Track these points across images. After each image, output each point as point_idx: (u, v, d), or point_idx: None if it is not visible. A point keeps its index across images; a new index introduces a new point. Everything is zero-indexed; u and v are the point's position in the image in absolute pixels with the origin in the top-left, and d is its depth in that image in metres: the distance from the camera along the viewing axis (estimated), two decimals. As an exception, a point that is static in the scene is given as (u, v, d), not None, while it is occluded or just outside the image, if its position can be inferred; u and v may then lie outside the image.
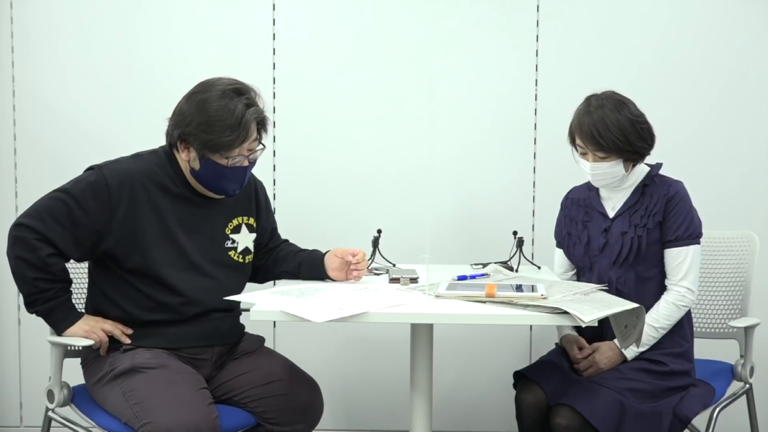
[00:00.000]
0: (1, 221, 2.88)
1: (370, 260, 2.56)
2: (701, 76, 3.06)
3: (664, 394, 2.26)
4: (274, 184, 3.13)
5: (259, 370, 2.25)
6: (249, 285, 2.36)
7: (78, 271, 2.39)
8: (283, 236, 2.51)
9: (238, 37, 3.10)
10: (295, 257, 2.39)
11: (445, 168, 3.10)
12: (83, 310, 2.22)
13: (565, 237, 2.50)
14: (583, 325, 1.81)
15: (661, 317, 2.30)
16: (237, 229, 2.30)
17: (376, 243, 2.60)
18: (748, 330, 2.50)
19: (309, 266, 2.35)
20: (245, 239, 2.31)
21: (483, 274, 2.42)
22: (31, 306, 2.12)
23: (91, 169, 2.15)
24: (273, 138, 3.08)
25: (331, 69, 3.10)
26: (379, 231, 2.62)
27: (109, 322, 2.15)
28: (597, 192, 2.46)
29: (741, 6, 3.04)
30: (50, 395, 2.17)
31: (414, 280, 2.27)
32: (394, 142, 3.11)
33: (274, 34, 3.11)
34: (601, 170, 2.32)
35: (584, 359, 2.33)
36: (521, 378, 2.38)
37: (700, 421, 2.42)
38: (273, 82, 3.11)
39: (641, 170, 2.39)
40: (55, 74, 3.11)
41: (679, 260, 2.32)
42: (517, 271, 2.55)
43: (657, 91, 3.03)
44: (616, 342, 2.28)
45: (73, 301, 2.18)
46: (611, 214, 2.41)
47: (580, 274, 2.47)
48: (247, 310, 1.98)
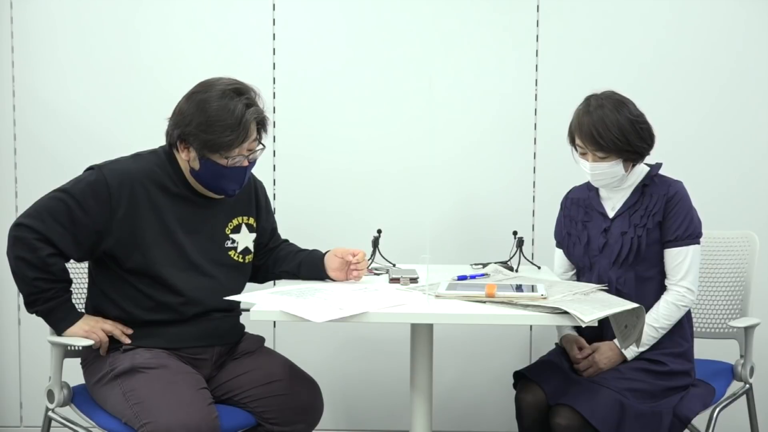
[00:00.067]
0: (1, 221, 2.88)
1: (370, 260, 2.56)
2: (701, 77, 3.06)
3: (664, 394, 2.26)
4: (274, 184, 3.13)
5: (259, 370, 2.25)
6: (249, 285, 2.36)
7: (78, 271, 2.39)
8: (283, 236, 2.51)
9: (238, 37, 3.10)
10: (295, 257, 2.39)
11: (445, 168, 3.10)
12: (83, 310, 2.22)
13: (564, 237, 2.50)
14: (583, 325, 1.81)
15: (660, 317, 2.30)
16: (237, 229, 2.29)
17: (376, 243, 2.60)
18: (748, 330, 2.50)
19: (309, 266, 2.35)
20: (245, 239, 2.31)
21: (483, 274, 2.42)
22: (31, 306, 2.12)
23: (91, 169, 2.15)
24: (273, 138, 3.08)
25: (331, 69, 3.10)
26: (379, 231, 2.62)
27: (109, 322, 2.15)
28: (597, 192, 2.46)
29: (741, 6, 3.04)
30: (50, 395, 2.17)
31: (414, 280, 2.27)
32: (394, 142, 3.11)
33: (274, 34, 3.11)
34: (601, 170, 2.32)
35: (584, 359, 2.33)
36: (521, 378, 2.38)
37: (700, 421, 2.42)
38: (273, 82, 3.11)
39: (641, 170, 2.39)
40: (55, 74, 3.11)
41: (678, 260, 2.32)
42: (517, 271, 2.55)
43: (657, 91, 3.03)
44: (616, 342, 2.28)
45: (73, 301, 2.18)
46: (611, 214, 2.41)
47: (580, 274, 2.47)
48: (247, 310, 1.98)
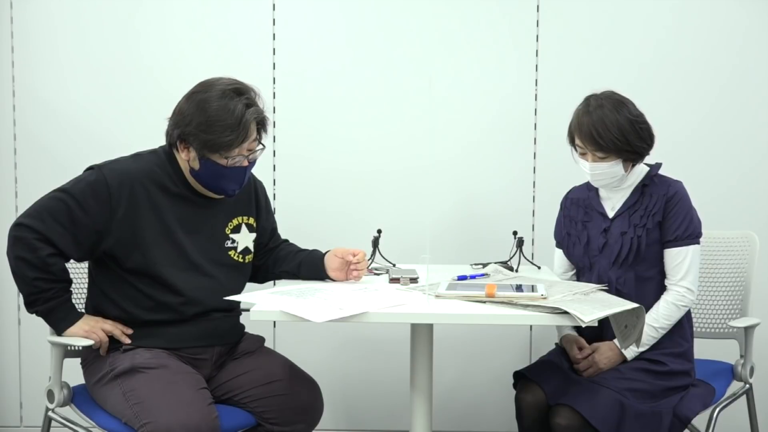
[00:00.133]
0: (1, 221, 2.88)
1: (370, 260, 2.56)
2: (701, 77, 3.06)
3: (664, 394, 2.26)
4: (274, 184, 3.13)
5: (259, 370, 2.25)
6: (249, 285, 2.36)
7: (78, 271, 2.39)
8: (283, 236, 2.51)
9: (238, 37, 3.10)
10: (295, 257, 2.39)
11: (445, 168, 3.10)
12: (83, 310, 2.22)
13: (564, 237, 2.50)
14: (583, 325, 1.81)
15: (660, 317, 2.30)
16: (237, 229, 2.29)
17: (376, 243, 2.60)
18: (748, 330, 2.50)
19: (309, 266, 2.35)
20: (245, 239, 2.31)
21: (483, 274, 2.42)
22: (31, 306, 2.12)
23: (91, 169, 2.15)
24: (273, 138, 3.08)
25: (331, 69, 3.10)
26: (379, 231, 2.62)
27: (109, 322, 2.15)
28: (596, 192, 2.46)
29: (741, 6, 3.04)
30: (50, 395, 2.17)
31: (414, 280, 2.27)
32: (394, 142, 3.11)
33: (274, 34, 3.11)
34: (601, 170, 2.32)
35: (584, 359, 2.33)
36: (521, 378, 2.38)
37: (700, 421, 2.42)
38: (273, 82, 3.11)
39: (641, 170, 2.39)
40: (55, 74, 3.11)
41: (678, 260, 2.32)
42: (517, 271, 2.55)
43: (657, 91, 3.03)
44: (616, 342, 2.28)
45: (73, 301, 2.18)
46: (611, 214, 2.41)
47: (580, 274, 2.47)
48: (247, 310, 1.98)
